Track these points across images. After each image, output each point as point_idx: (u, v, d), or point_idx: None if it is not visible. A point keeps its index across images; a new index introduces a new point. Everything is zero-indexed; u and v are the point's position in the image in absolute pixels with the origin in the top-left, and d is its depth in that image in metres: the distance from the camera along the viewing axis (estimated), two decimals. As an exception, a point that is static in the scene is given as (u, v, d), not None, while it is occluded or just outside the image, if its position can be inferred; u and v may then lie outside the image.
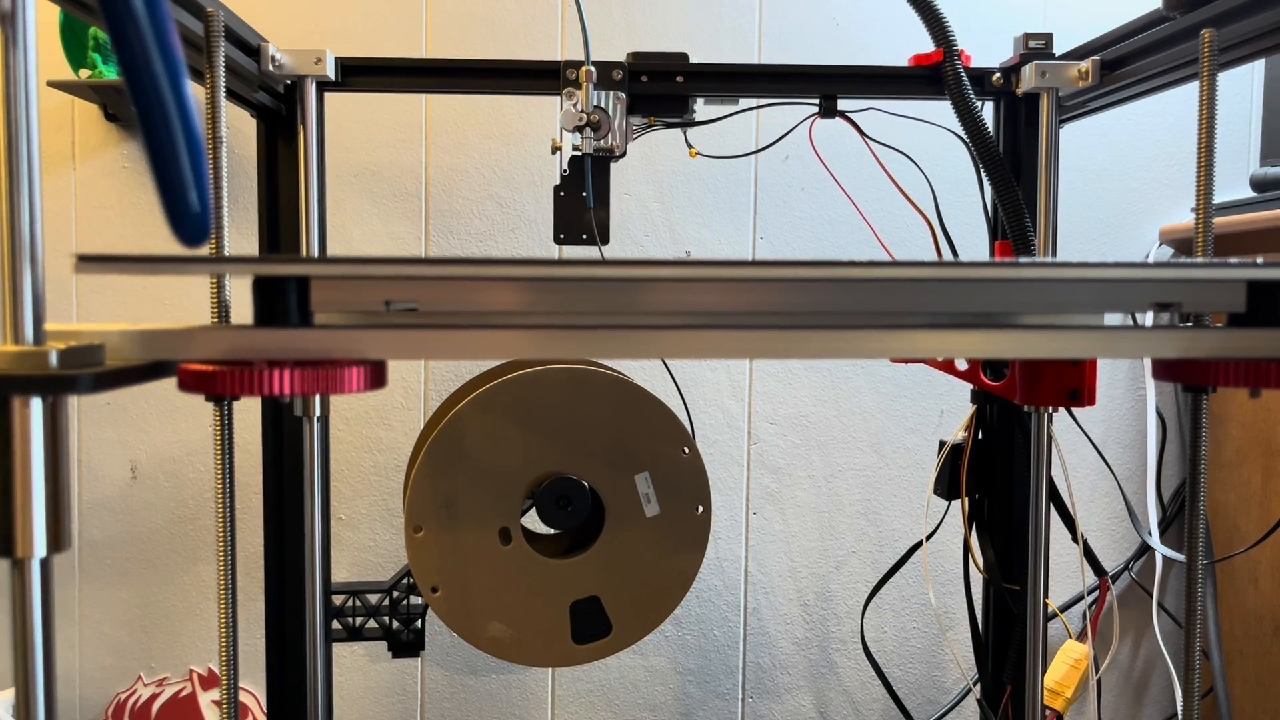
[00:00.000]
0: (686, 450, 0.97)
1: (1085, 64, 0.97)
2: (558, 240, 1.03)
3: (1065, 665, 1.11)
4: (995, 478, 1.08)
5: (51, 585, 0.44)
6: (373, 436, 1.40)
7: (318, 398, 1.00)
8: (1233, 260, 0.49)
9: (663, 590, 0.99)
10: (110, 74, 1.25)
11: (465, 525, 0.95)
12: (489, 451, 0.95)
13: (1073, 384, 0.78)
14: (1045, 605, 0.99)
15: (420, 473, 0.94)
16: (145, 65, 0.36)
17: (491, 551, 0.96)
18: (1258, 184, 1.30)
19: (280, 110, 1.04)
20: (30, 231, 0.43)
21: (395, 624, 1.13)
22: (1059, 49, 1.03)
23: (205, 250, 0.53)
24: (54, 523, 0.43)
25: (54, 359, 0.42)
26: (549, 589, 0.97)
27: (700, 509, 0.98)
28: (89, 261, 0.44)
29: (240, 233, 1.34)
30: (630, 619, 0.99)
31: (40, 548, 0.43)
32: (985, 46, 1.10)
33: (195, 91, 0.80)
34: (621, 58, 1.02)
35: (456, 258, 1.28)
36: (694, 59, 1.04)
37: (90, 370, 0.43)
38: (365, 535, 1.41)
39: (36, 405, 0.42)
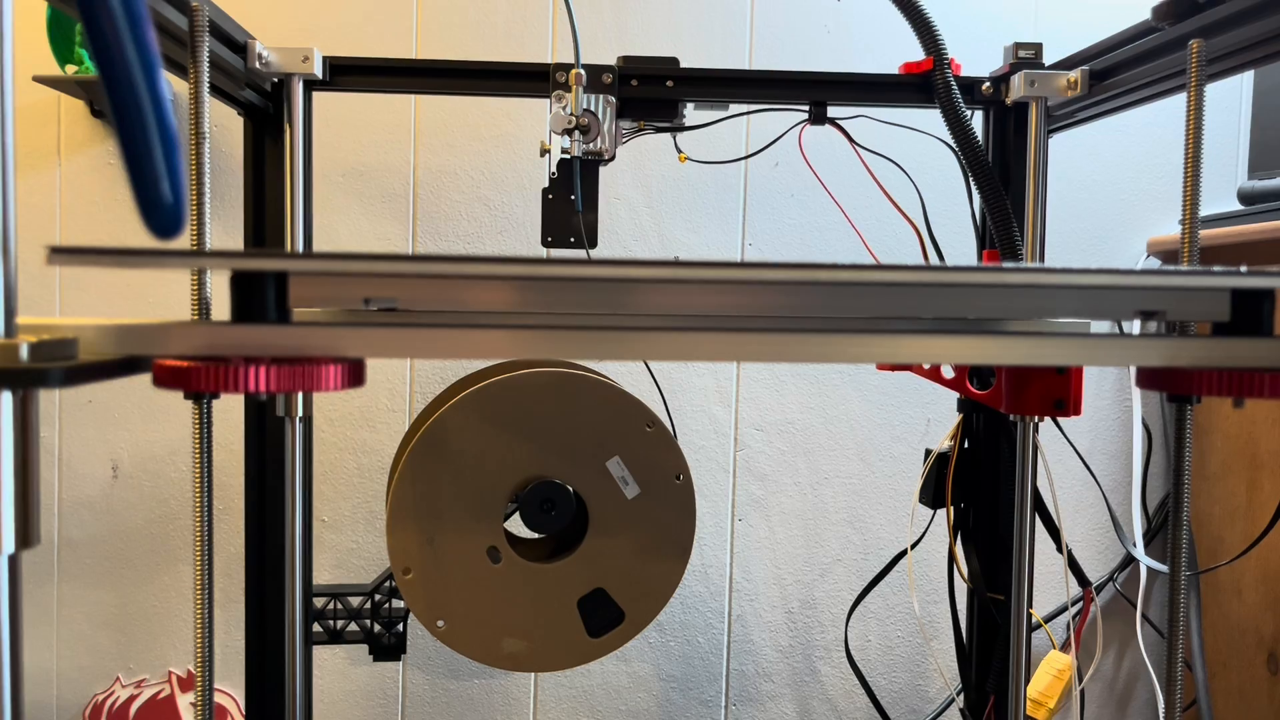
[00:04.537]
0: (650, 426, 0.97)
1: (1074, 74, 0.98)
2: (545, 243, 1.03)
3: (1048, 676, 1.10)
4: (981, 487, 1.07)
5: (19, 582, 0.43)
6: (357, 438, 1.40)
7: (300, 398, 0.99)
8: (1217, 268, 0.48)
9: (664, 564, 0.99)
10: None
11: (452, 555, 0.95)
12: (461, 471, 0.95)
13: (1058, 394, 0.78)
14: (1029, 615, 0.99)
15: (394, 513, 0.94)
16: (118, 53, 0.36)
17: (485, 573, 0.96)
18: (1245, 197, 1.30)
19: (267, 108, 1.03)
20: (3, 223, 0.42)
21: (376, 627, 1.12)
22: (1048, 58, 1.03)
23: (185, 245, 0.53)
24: (23, 518, 0.42)
25: (25, 352, 0.41)
26: (551, 593, 0.97)
27: (679, 477, 0.97)
28: (62, 254, 0.43)
29: (227, 232, 1.33)
30: (639, 600, 0.99)
31: (8, 544, 0.42)
32: (975, 55, 1.10)
33: (180, 87, 0.79)
34: (612, 61, 1.02)
35: (438, 255, 1.27)
36: (685, 64, 1.03)
37: (62, 364, 0.42)
38: (347, 537, 1.40)
39: (6, 399, 0.41)
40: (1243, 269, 0.47)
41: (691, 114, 1.08)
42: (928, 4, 0.99)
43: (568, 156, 1.01)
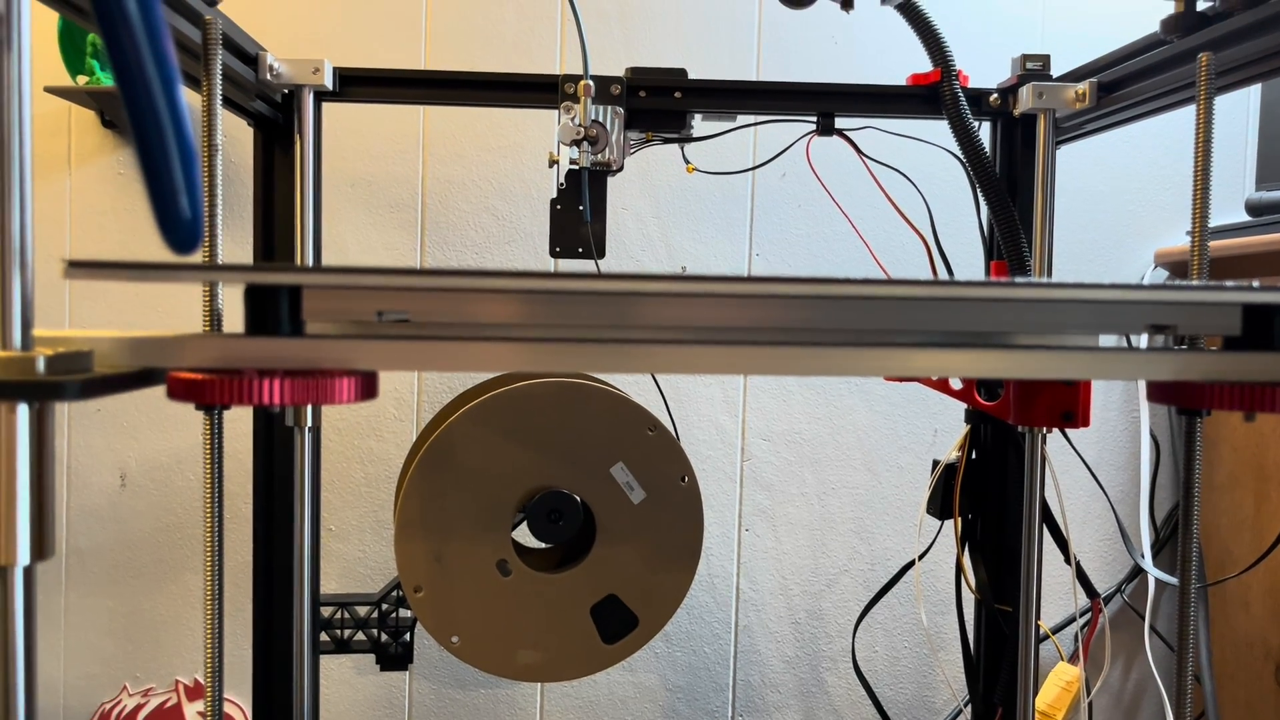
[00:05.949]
0: (652, 430, 0.97)
1: (1083, 86, 0.98)
2: (553, 254, 1.03)
3: (1056, 687, 1.10)
4: (988, 498, 1.07)
5: (34, 593, 0.44)
6: (364, 448, 1.40)
7: (309, 408, 0.99)
8: (1229, 283, 0.49)
9: (674, 567, 0.99)
10: (107, 81, 1.25)
11: (462, 570, 0.95)
12: (467, 484, 0.95)
13: (1067, 405, 0.78)
14: (1037, 626, 0.99)
15: (402, 528, 0.95)
16: (138, 68, 0.36)
17: (496, 586, 0.96)
18: (1253, 208, 1.30)
19: (277, 119, 1.03)
20: (20, 236, 0.43)
21: (384, 637, 1.12)
22: (1056, 70, 1.03)
23: (198, 258, 0.53)
24: (38, 530, 0.42)
25: (41, 365, 0.41)
26: (563, 602, 0.97)
27: (684, 478, 0.98)
28: (79, 267, 0.44)
29: (235, 241, 1.34)
30: (652, 604, 0.99)
31: (24, 555, 0.42)
32: (983, 67, 1.10)
33: (191, 99, 0.80)
34: (620, 72, 1.02)
35: (449, 269, 1.27)
36: (693, 75, 1.04)
37: (78, 377, 0.42)
38: (355, 547, 1.40)
39: (23, 411, 0.41)
40: (1255, 284, 0.48)
41: (699, 125, 1.08)
42: (935, 15, 0.99)
43: (576, 167, 1.01)
